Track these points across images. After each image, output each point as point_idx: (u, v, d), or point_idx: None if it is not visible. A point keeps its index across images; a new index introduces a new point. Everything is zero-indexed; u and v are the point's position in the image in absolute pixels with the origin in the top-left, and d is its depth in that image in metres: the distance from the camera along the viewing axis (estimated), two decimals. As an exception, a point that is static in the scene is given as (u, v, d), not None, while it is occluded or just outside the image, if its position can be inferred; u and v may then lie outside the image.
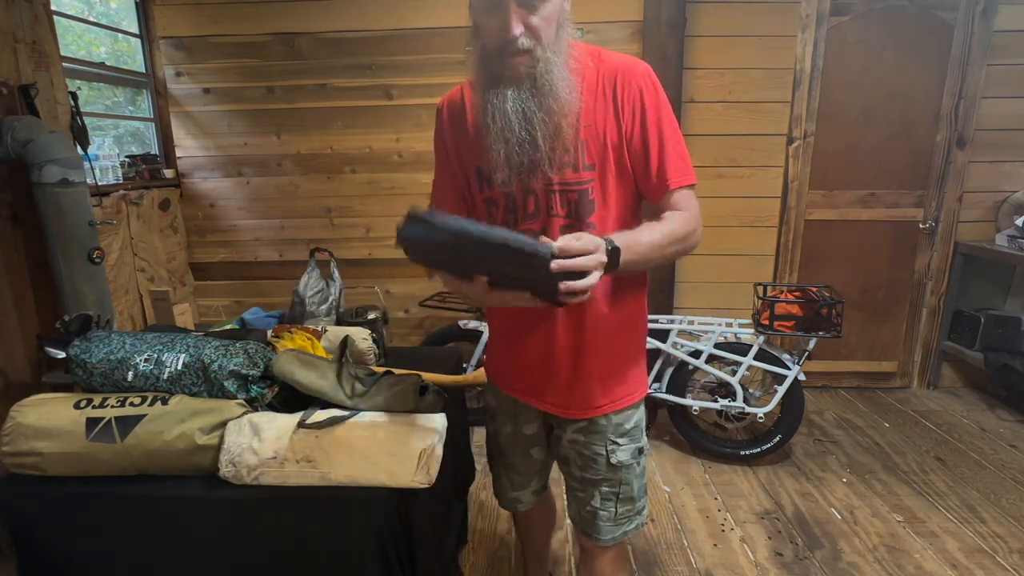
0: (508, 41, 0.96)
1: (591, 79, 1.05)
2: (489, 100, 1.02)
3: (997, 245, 2.90)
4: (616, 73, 1.05)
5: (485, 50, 1.01)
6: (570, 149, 1.04)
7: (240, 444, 1.18)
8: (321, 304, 2.70)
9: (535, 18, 0.95)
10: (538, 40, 0.97)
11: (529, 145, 1.01)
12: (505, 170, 1.04)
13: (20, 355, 2.00)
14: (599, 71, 1.05)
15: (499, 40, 0.97)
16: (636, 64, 1.06)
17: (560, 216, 1.09)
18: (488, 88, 1.02)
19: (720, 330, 2.41)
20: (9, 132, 1.80)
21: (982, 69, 2.83)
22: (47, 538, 1.24)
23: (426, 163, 2.90)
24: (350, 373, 1.31)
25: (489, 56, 1.00)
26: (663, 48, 2.72)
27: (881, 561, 1.91)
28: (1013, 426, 2.81)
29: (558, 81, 0.99)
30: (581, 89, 1.04)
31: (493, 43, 0.98)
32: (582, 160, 1.06)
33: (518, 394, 1.25)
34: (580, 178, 1.06)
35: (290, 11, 2.77)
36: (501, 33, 0.96)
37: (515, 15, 0.94)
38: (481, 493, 2.27)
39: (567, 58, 1.01)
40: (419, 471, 1.16)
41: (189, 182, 2.98)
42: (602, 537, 1.23)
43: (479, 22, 1.00)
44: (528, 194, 1.08)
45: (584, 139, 1.05)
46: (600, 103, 1.05)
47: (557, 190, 1.07)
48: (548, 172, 1.04)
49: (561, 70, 0.99)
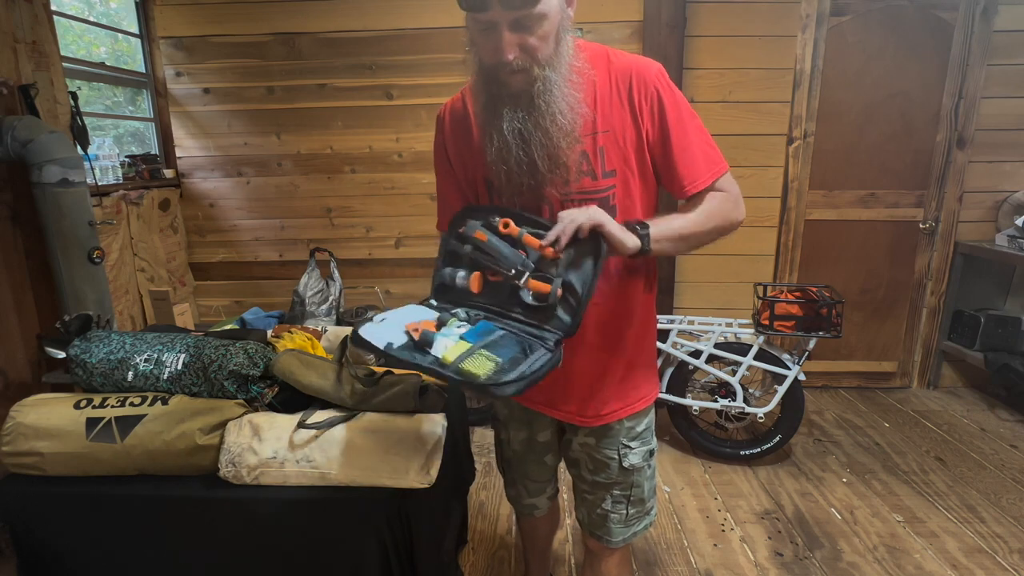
0: (503, 64, 0.92)
1: (603, 83, 1.02)
2: (488, 120, 0.99)
3: (997, 245, 2.90)
4: (630, 75, 1.01)
5: (482, 67, 0.98)
6: (580, 161, 1.02)
7: (240, 444, 1.18)
8: (321, 304, 2.70)
9: (531, 39, 0.91)
10: (535, 60, 0.93)
11: (528, 167, 0.99)
12: (508, 190, 1.03)
13: (20, 355, 2.00)
14: (611, 74, 1.02)
15: (493, 61, 0.94)
16: (649, 65, 1.03)
17: None
18: (486, 105, 0.99)
19: (720, 330, 2.41)
20: (9, 132, 1.80)
21: (982, 69, 2.83)
22: (47, 538, 1.24)
23: (426, 163, 2.90)
24: (350, 373, 1.30)
25: (486, 73, 0.97)
26: (663, 48, 2.72)
27: (881, 561, 1.91)
28: (1013, 426, 2.81)
29: (557, 100, 0.95)
30: (593, 95, 1.00)
31: (488, 63, 0.95)
32: (602, 167, 1.03)
33: (532, 404, 1.24)
34: (599, 186, 1.04)
35: (290, 11, 2.77)
36: (495, 55, 0.92)
37: (508, 39, 0.90)
38: (481, 493, 2.27)
39: (568, 71, 0.97)
40: (419, 471, 1.16)
41: (189, 182, 2.98)
42: (613, 539, 1.23)
43: (475, 40, 0.96)
44: (542, 204, 1.06)
45: (603, 145, 1.02)
46: (616, 108, 1.01)
47: (575, 199, 1.04)
48: (552, 191, 1.02)
49: (561, 87, 0.95)
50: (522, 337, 0.99)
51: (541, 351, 0.96)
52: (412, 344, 0.97)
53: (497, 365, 0.92)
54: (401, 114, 2.87)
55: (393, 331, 1.00)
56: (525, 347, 0.97)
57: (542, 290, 0.99)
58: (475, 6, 0.89)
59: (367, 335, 0.98)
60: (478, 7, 0.89)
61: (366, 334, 0.98)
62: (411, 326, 1.00)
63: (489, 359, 0.94)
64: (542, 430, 1.29)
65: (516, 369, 0.92)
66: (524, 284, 1.00)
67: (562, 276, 0.98)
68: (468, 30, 0.97)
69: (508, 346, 0.97)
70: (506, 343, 0.97)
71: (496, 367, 0.92)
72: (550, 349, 0.97)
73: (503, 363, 0.93)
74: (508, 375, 0.90)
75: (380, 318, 1.03)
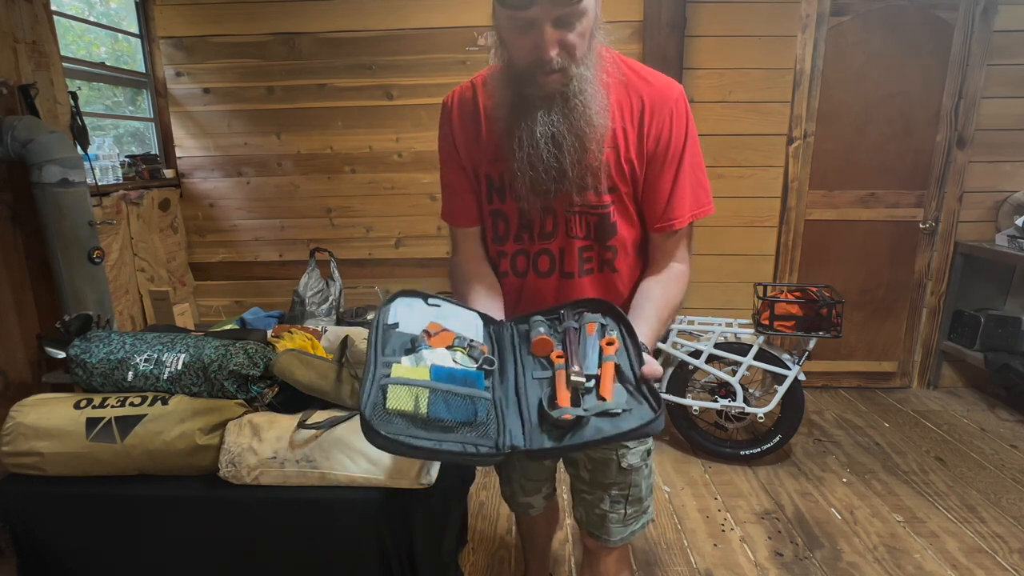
0: (543, 62, 0.89)
1: (620, 97, 1.00)
2: (515, 124, 0.95)
3: (997, 245, 2.90)
4: (649, 98, 1.00)
5: (512, 67, 0.94)
6: (594, 173, 1.00)
7: (240, 444, 1.18)
8: (321, 304, 2.70)
9: (571, 35, 0.88)
10: (572, 58, 0.90)
11: (556, 172, 0.96)
12: (530, 197, 1.00)
13: (20, 355, 2.00)
14: (629, 91, 1.00)
15: (531, 60, 0.90)
16: (670, 89, 1.01)
17: (579, 237, 1.06)
18: (513, 108, 0.96)
19: (720, 330, 2.41)
20: (9, 132, 1.80)
21: (982, 69, 2.83)
22: (47, 538, 1.24)
23: (426, 163, 2.90)
24: (350, 373, 1.30)
25: (517, 73, 0.93)
26: (663, 48, 2.72)
27: (881, 561, 1.91)
28: (1013, 426, 2.81)
29: (590, 100, 0.93)
30: (610, 107, 0.98)
31: (524, 62, 0.91)
32: (604, 183, 1.02)
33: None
34: (602, 201, 1.03)
35: (290, 11, 2.77)
36: (535, 53, 0.89)
37: (551, 36, 0.87)
38: (481, 493, 2.27)
39: (599, 71, 0.95)
40: (419, 471, 1.16)
41: (189, 182, 2.98)
42: (612, 538, 1.23)
43: (507, 40, 0.92)
44: (547, 213, 1.04)
45: (607, 160, 1.00)
46: (629, 126, 1.00)
47: (577, 211, 1.03)
48: (560, 202, 1.01)
49: (594, 86, 0.93)
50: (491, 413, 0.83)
51: (485, 443, 0.79)
52: (409, 343, 0.89)
53: (412, 411, 0.77)
54: (401, 114, 2.87)
55: (418, 319, 0.93)
56: (483, 424, 0.81)
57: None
58: (518, 4, 0.86)
59: (396, 309, 0.92)
60: (521, 5, 0.85)
61: (398, 306, 0.93)
62: (433, 327, 0.92)
63: (416, 398, 0.78)
64: None
65: (417, 432, 0.76)
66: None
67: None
68: (498, 29, 0.93)
69: (458, 408, 0.80)
70: (461, 405, 0.80)
71: (411, 410, 0.77)
72: (491, 451, 0.79)
73: (421, 413, 0.77)
74: (392, 427, 0.75)
75: (435, 302, 0.96)
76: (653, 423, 0.77)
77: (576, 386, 0.84)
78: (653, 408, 0.79)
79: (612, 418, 0.79)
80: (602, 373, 0.85)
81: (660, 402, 0.80)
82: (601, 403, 0.81)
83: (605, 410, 0.79)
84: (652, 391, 0.82)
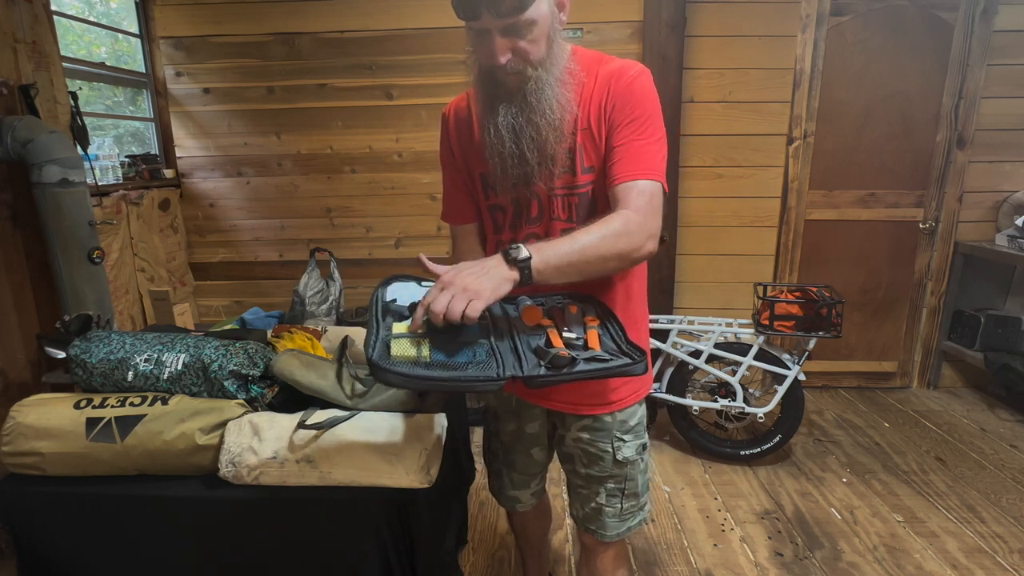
0: (496, 68, 0.98)
1: (590, 85, 1.06)
2: (485, 117, 1.05)
3: (997, 245, 2.90)
4: (611, 77, 1.05)
5: (480, 66, 1.04)
6: (565, 158, 1.07)
7: (240, 444, 1.18)
8: (321, 304, 2.70)
9: (522, 43, 0.97)
10: (527, 61, 0.98)
11: (518, 159, 1.05)
12: (502, 181, 1.09)
13: (20, 355, 2.00)
14: (599, 76, 1.07)
15: (488, 64, 1.00)
16: (631, 65, 1.06)
17: (561, 220, 1.12)
18: (484, 102, 1.06)
19: (720, 330, 2.41)
20: (9, 132, 1.80)
21: (982, 69, 2.83)
22: (47, 538, 1.24)
23: (426, 163, 2.90)
24: (350, 373, 1.31)
25: (484, 73, 1.03)
26: (663, 48, 2.72)
27: (881, 561, 1.91)
28: (1013, 426, 2.81)
29: (548, 98, 1.01)
30: (579, 96, 1.05)
31: (484, 66, 1.02)
32: (581, 164, 1.08)
33: (524, 395, 1.26)
34: (578, 182, 1.09)
35: (290, 11, 2.77)
36: (489, 59, 0.98)
37: (500, 44, 0.96)
38: (481, 493, 2.27)
39: (561, 72, 1.02)
40: (419, 471, 1.16)
41: (189, 182, 2.98)
42: (608, 533, 1.24)
43: (471, 41, 1.02)
44: (532, 199, 1.11)
45: (582, 143, 1.07)
46: (595, 108, 1.06)
47: (559, 194, 1.10)
48: (539, 182, 1.08)
49: (553, 87, 1.01)
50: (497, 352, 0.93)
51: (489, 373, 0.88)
52: (407, 310, 1.01)
53: (415, 357, 0.87)
54: (401, 114, 2.87)
55: (413, 296, 1.05)
56: (487, 359, 0.91)
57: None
58: (468, 15, 0.96)
59: (392, 288, 1.06)
60: (470, 16, 0.95)
61: (394, 286, 1.06)
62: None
63: (418, 345, 0.89)
64: (531, 421, 1.31)
65: (422, 370, 0.86)
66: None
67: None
68: (468, 34, 1.03)
69: (459, 352, 0.91)
70: (461, 349, 0.92)
71: (415, 356, 0.87)
72: (492, 377, 0.87)
73: (424, 357, 0.88)
74: (400, 367, 0.85)
75: (428, 284, 1.07)
76: (635, 365, 0.91)
77: (567, 341, 0.96)
78: (635, 358, 0.92)
79: (601, 363, 0.92)
80: (587, 337, 0.98)
81: (641, 352, 0.93)
82: (591, 351, 0.95)
83: (594, 356, 0.93)
84: (633, 346, 0.95)
